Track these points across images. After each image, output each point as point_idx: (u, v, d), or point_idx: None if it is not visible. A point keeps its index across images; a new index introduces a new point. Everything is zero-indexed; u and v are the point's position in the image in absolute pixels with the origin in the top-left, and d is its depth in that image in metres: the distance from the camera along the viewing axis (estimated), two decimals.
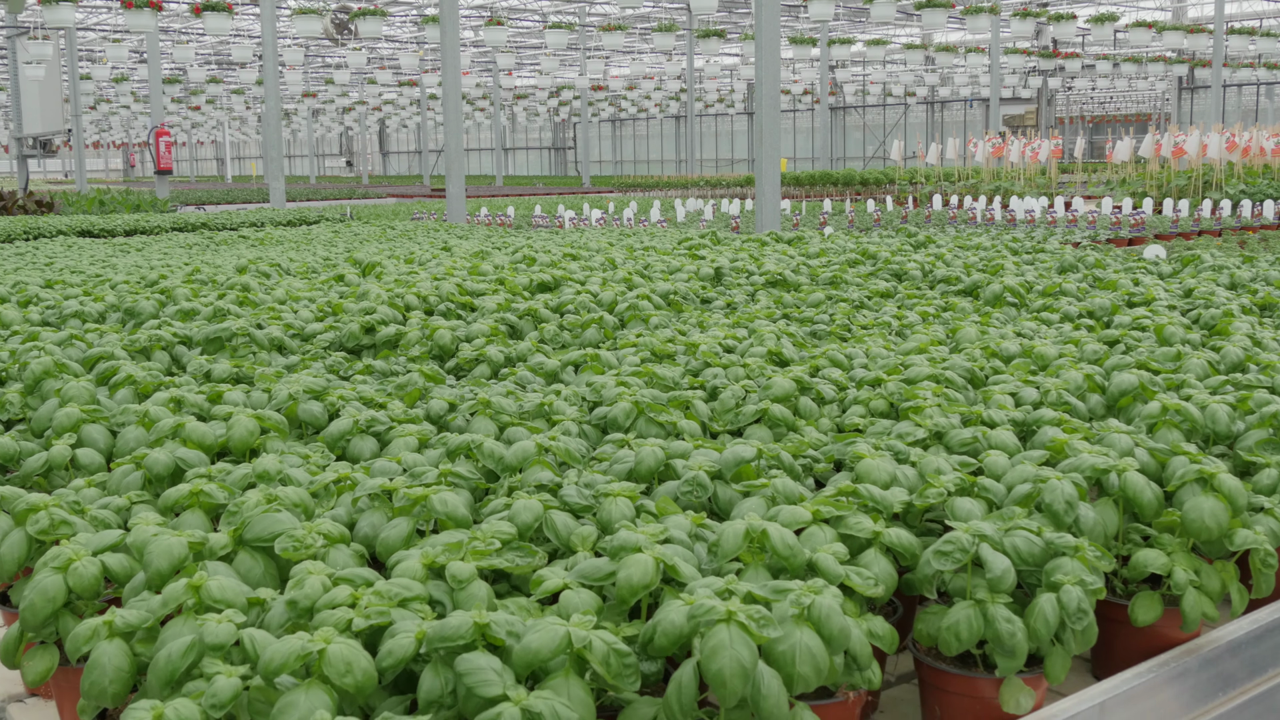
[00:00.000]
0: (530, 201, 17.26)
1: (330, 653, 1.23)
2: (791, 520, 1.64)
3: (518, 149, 49.99)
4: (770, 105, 8.53)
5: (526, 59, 37.97)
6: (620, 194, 22.43)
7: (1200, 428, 2.16)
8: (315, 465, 2.03)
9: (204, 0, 20.64)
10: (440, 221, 11.01)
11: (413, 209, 15.14)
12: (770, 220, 8.75)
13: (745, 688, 1.24)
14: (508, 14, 31.88)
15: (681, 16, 31.23)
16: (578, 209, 13.98)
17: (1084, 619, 1.51)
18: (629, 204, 14.00)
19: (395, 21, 32.85)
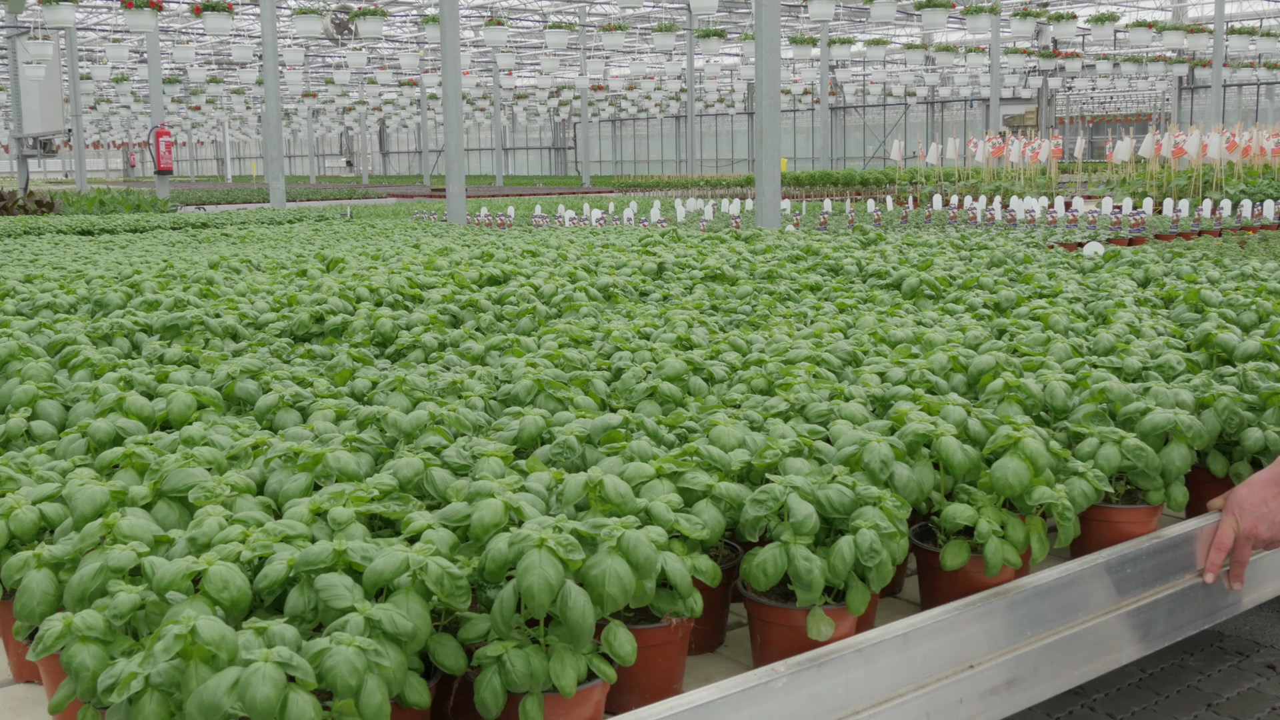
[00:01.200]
0: (530, 201, 17.43)
1: (211, 572, 1.50)
2: (636, 474, 1.91)
3: (518, 149, 50.26)
4: (770, 105, 8.66)
5: (526, 59, 38.23)
6: (621, 194, 22.61)
7: (1040, 402, 2.42)
8: (242, 434, 2.30)
9: (204, 0, 20.92)
10: (434, 221, 11.23)
11: (413, 209, 15.30)
12: (770, 220, 8.89)
13: (552, 602, 1.51)
14: (508, 14, 32.12)
15: (681, 16, 31.46)
16: (578, 209, 14.12)
17: (877, 557, 1.78)
18: (629, 204, 14.12)
19: (395, 21, 33.12)
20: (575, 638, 1.53)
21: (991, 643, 2.04)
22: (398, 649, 1.46)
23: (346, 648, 1.36)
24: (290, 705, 1.28)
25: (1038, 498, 2.00)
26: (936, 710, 1.97)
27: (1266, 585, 2.52)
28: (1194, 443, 2.29)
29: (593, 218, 12.54)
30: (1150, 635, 2.31)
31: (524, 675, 1.51)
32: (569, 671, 1.53)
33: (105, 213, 15.11)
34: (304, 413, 2.47)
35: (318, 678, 1.35)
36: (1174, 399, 2.42)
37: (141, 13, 17.09)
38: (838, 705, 1.83)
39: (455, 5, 10.66)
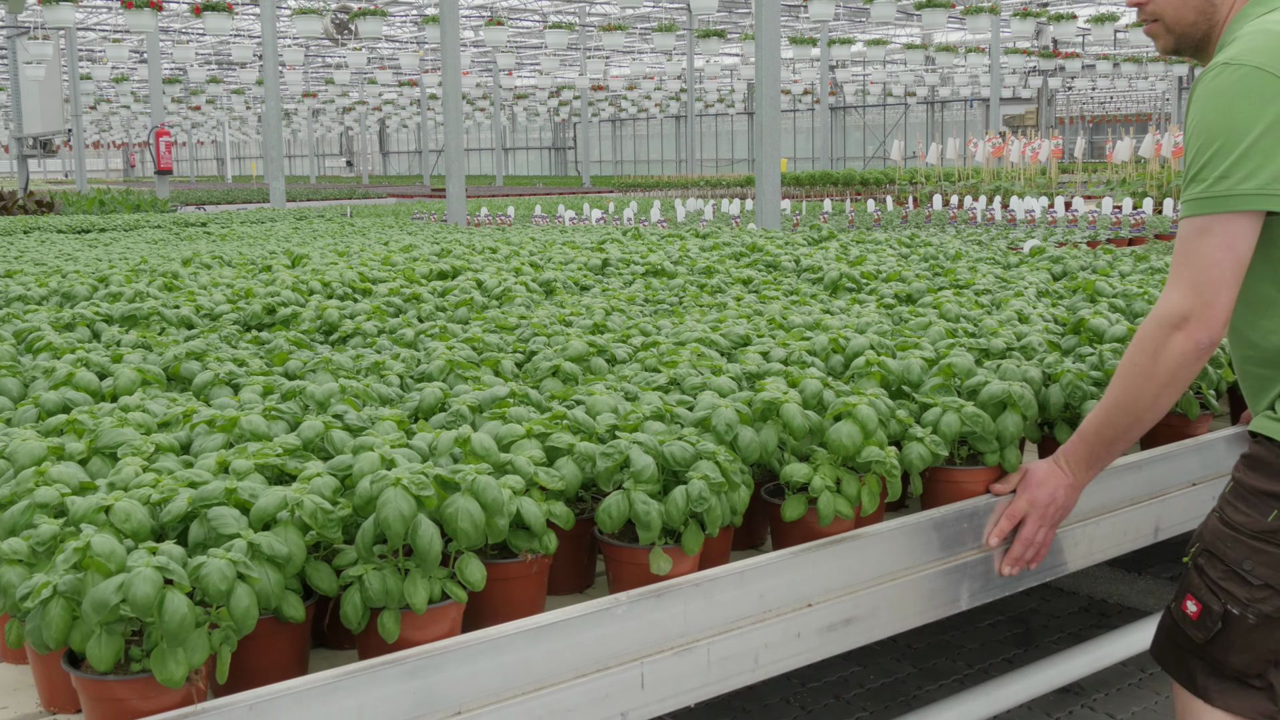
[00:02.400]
0: (530, 201, 17.61)
1: (116, 506, 1.81)
2: (507, 434, 2.22)
3: (518, 149, 50.62)
4: (770, 105, 8.79)
5: (526, 59, 38.57)
6: (621, 194, 22.85)
7: (899, 377, 2.73)
8: (178, 405, 2.61)
9: (204, 0, 21.27)
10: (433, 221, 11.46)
11: (413, 209, 15.48)
12: (770, 220, 9.00)
13: (406, 533, 1.81)
14: (508, 14, 32.45)
15: (682, 16, 31.77)
16: (578, 209, 14.29)
17: (706, 503, 2.08)
18: (629, 204, 14.27)
19: (395, 21, 33.47)
20: (425, 563, 1.84)
21: (828, 584, 2.34)
22: (276, 570, 1.77)
23: (219, 560, 1.67)
24: (167, 602, 1.59)
25: (867, 457, 2.30)
26: (775, 642, 2.27)
27: (1098, 546, 2.82)
28: (1026, 411, 2.58)
29: (593, 218, 12.69)
30: (990, 585, 2.61)
31: (380, 592, 1.81)
32: (420, 591, 1.84)
33: (105, 213, 15.38)
34: (237, 389, 2.78)
35: (198, 588, 1.66)
36: (1020, 374, 2.72)
37: (141, 13, 17.40)
38: (677, 632, 2.13)
39: (455, 5, 10.88)
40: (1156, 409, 2.29)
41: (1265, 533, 2.16)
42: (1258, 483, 2.20)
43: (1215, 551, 2.24)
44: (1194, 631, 2.25)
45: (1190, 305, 2.14)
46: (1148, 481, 2.93)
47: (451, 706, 1.89)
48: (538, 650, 1.98)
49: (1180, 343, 2.16)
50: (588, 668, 2.04)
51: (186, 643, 1.64)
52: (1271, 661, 2.20)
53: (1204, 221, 2.12)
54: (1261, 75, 2.07)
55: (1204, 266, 2.13)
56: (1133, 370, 2.26)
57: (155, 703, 1.67)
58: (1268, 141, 2.06)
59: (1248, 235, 2.11)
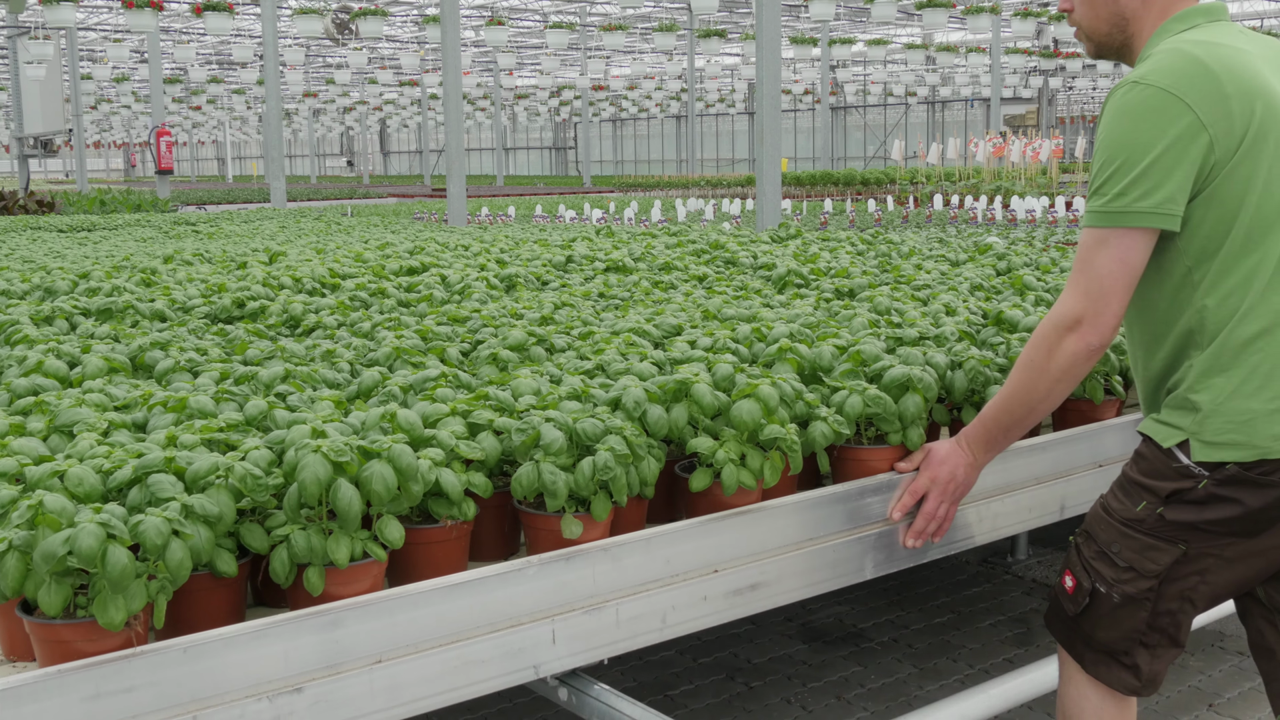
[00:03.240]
0: (531, 201, 17.67)
1: (69, 471, 2.03)
2: (434, 412, 2.44)
3: (518, 149, 50.86)
4: (771, 105, 8.85)
5: (527, 59, 38.80)
6: (621, 194, 22.99)
7: (811, 363, 2.94)
8: (139, 390, 2.83)
9: (205, 0, 21.47)
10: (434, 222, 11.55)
11: (413, 209, 15.54)
12: (771, 219, 9.03)
13: (323, 495, 2.04)
14: (508, 14, 32.62)
15: (682, 16, 31.94)
16: (579, 209, 14.41)
17: (611, 473, 2.30)
18: (630, 204, 14.33)
19: (396, 21, 33.68)
20: (346, 523, 2.06)
21: (734, 552, 2.56)
22: (207, 527, 1.99)
23: (155, 517, 1.89)
24: (109, 554, 1.81)
25: (769, 434, 2.52)
26: (681, 604, 2.49)
27: (1004, 522, 3.03)
28: (927, 394, 2.80)
29: (594, 217, 12.72)
30: (894, 557, 2.83)
31: (304, 549, 2.04)
32: (342, 549, 2.06)
33: (106, 212, 15.50)
34: (196, 374, 3.00)
35: (138, 542, 1.88)
36: (923, 360, 2.94)
37: (142, 13, 17.61)
38: (586, 593, 2.35)
39: (456, 5, 10.99)
40: (1049, 401, 2.50)
41: (1133, 520, 2.36)
42: (1137, 476, 2.40)
43: (1091, 533, 2.44)
44: (1068, 604, 2.45)
45: (1084, 310, 2.34)
46: (1053, 462, 3.15)
47: (371, 655, 2.11)
48: (453, 606, 2.20)
49: (1073, 344, 2.36)
50: (501, 623, 2.26)
51: (126, 591, 1.86)
52: (1138, 641, 2.39)
53: (1102, 234, 2.31)
54: (1166, 97, 2.24)
55: (1099, 276, 2.32)
56: (1029, 366, 2.46)
57: (98, 645, 1.90)
58: (1166, 162, 2.23)
59: (1141, 250, 2.30)
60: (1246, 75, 2.23)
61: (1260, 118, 2.22)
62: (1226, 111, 2.20)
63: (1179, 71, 2.23)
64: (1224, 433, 2.25)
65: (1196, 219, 2.25)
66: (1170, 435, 2.33)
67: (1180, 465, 2.30)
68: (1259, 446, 2.22)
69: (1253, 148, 2.22)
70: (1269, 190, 2.22)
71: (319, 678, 2.06)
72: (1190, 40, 2.30)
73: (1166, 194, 2.21)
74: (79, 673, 1.84)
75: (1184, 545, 2.31)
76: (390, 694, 2.13)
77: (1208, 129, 2.20)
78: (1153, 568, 2.33)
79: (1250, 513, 2.24)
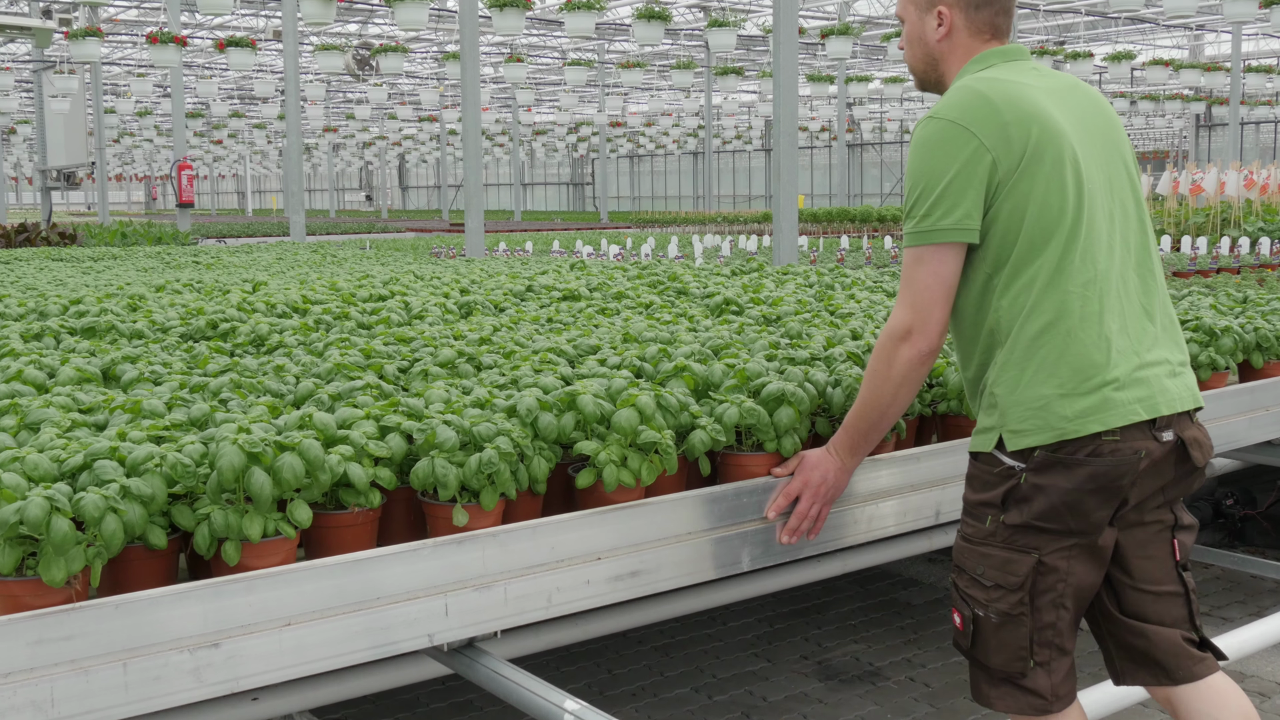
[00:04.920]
0: (548, 237, 17.80)
1: (27, 458, 2.44)
2: (350, 415, 2.84)
3: (536, 184, 51.52)
4: (788, 142, 9.00)
5: (546, 95, 39.44)
6: (638, 230, 23.32)
7: (704, 379, 3.34)
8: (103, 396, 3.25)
9: (228, 36, 22.10)
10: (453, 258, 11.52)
11: (432, 243, 15.65)
12: (788, 256, 9.27)
13: (238, 480, 2.44)
14: (527, 51, 33.19)
15: (700, 54, 32.47)
16: (596, 244, 14.62)
17: (494, 467, 2.69)
18: (646, 239, 14.60)
19: (416, 58, 34.34)
20: (259, 504, 2.46)
21: (615, 542, 2.94)
22: (141, 506, 2.39)
23: (95, 494, 2.30)
24: (53, 522, 2.22)
25: (645, 438, 2.91)
26: (566, 586, 2.87)
27: (879, 524, 3.41)
28: (800, 407, 3.18)
29: (610, 253, 12.80)
30: (770, 552, 3.20)
31: (222, 525, 2.44)
32: (255, 526, 2.46)
33: (127, 245, 15.71)
34: (158, 384, 3.42)
35: (79, 514, 2.29)
36: (801, 378, 3.32)
37: (166, 48, 18.19)
38: (476, 573, 2.74)
39: (476, 42, 11.26)
40: (897, 405, 2.88)
41: (985, 537, 2.68)
42: (974, 496, 2.74)
43: (960, 565, 2.74)
44: (961, 640, 2.73)
45: (912, 321, 2.74)
46: (928, 470, 3.52)
47: (281, 619, 2.51)
48: (355, 579, 2.59)
49: (906, 351, 2.76)
50: (399, 596, 2.65)
51: (67, 554, 2.26)
52: (1029, 660, 2.63)
53: (917, 252, 2.72)
54: (954, 127, 2.66)
55: (920, 289, 2.72)
56: (873, 375, 2.86)
57: (43, 600, 2.30)
58: (959, 183, 2.65)
59: (952, 263, 2.70)
60: (1025, 104, 2.66)
61: (1036, 140, 2.63)
62: (1006, 136, 2.62)
63: (964, 105, 2.67)
64: (1025, 419, 2.62)
65: (990, 230, 2.66)
66: (987, 440, 2.71)
67: (1003, 466, 2.67)
68: (1056, 428, 2.59)
69: (1030, 166, 2.63)
70: (1046, 203, 2.63)
71: (234, 636, 2.45)
72: (980, 78, 2.74)
73: (963, 211, 2.63)
74: (25, 621, 2.24)
75: (1035, 553, 2.65)
76: (297, 653, 2.52)
77: (990, 152, 2.62)
78: (1014, 579, 2.65)
79: (1068, 498, 2.58)
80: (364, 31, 31.58)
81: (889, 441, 3.44)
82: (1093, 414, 2.58)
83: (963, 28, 2.84)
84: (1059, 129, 2.67)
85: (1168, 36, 32.24)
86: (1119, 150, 2.83)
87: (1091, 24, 30.52)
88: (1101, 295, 2.64)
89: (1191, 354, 4.20)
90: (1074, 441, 2.59)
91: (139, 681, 2.34)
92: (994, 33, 2.86)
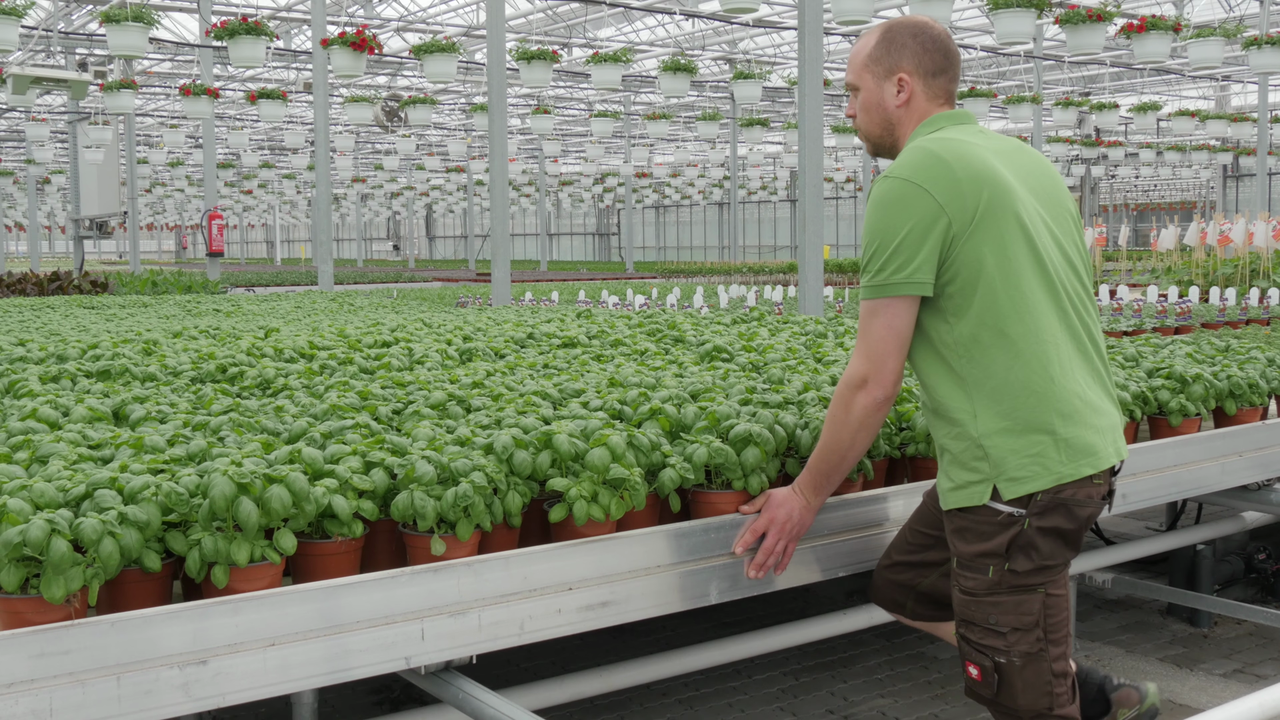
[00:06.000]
0: (574, 286, 17.86)
1: (34, 486, 2.66)
2: (337, 451, 3.06)
3: (562, 234, 52.02)
4: (813, 193, 9.11)
5: (572, 146, 39.91)
6: (664, 279, 23.50)
7: (676, 422, 3.53)
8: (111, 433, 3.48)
9: (260, 88, 22.57)
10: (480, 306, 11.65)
11: (458, 292, 15.75)
12: (814, 306, 9.37)
13: (228, 508, 2.65)
14: (554, 103, 33.59)
15: (725, 105, 32.82)
16: (622, 294, 14.68)
17: (469, 500, 2.89)
18: (672, 289, 14.71)
19: (444, 109, 34.83)
20: (246, 531, 2.67)
21: (585, 574, 3.13)
22: (137, 531, 2.61)
23: (93, 519, 2.51)
24: (52, 543, 2.43)
25: (614, 474, 3.11)
26: (538, 614, 3.06)
27: (841, 562, 3.58)
28: (765, 447, 3.37)
29: (636, 303, 12.83)
30: (738, 585, 3.38)
31: (211, 550, 2.65)
32: (243, 552, 2.67)
33: (158, 293, 15.96)
34: (164, 422, 3.65)
35: (79, 538, 2.50)
36: (770, 420, 3.51)
37: (199, 99, 18.62)
38: (452, 600, 2.93)
39: (503, 94, 11.47)
40: (856, 448, 3.08)
41: (992, 587, 2.87)
42: (972, 548, 2.90)
43: (968, 619, 2.91)
44: (984, 691, 2.91)
45: (868, 370, 2.93)
46: (895, 510, 3.69)
47: (266, 639, 2.71)
48: (336, 603, 2.79)
49: (863, 398, 2.95)
50: (378, 620, 2.85)
51: (66, 573, 2.48)
52: (1055, 690, 2.82)
53: (873, 305, 2.92)
54: (908, 186, 2.87)
55: (875, 340, 2.92)
56: (832, 420, 3.06)
57: (45, 617, 2.51)
58: (913, 240, 2.85)
59: (905, 315, 2.89)
60: (977, 164, 2.86)
61: (988, 198, 2.84)
62: (959, 194, 2.82)
63: (919, 165, 2.87)
64: (1023, 467, 2.80)
65: (949, 284, 2.84)
66: (979, 493, 2.87)
67: (1002, 515, 2.84)
68: (1055, 472, 2.79)
69: (983, 222, 2.83)
70: (1001, 256, 2.82)
71: (221, 654, 2.66)
72: (933, 139, 2.95)
73: (916, 266, 2.83)
74: (27, 636, 2.46)
75: (1042, 589, 2.84)
76: (281, 671, 2.73)
77: (945, 210, 2.82)
78: (1029, 619, 2.84)
79: (1070, 536, 2.83)
80: (393, 84, 32.15)
81: (855, 482, 3.62)
82: (1084, 458, 2.79)
83: (921, 94, 3.06)
84: (1009, 187, 2.87)
85: (1194, 87, 32.44)
86: (1065, 207, 3.04)
87: (1117, 75, 30.76)
88: (1064, 345, 2.84)
89: (1162, 400, 4.38)
90: (1072, 484, 2.79)
91: (131, 694, 2.55)
92: (947, 98, 3.09)
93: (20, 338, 6.05)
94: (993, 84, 30.72)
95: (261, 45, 14.45)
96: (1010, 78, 32.48)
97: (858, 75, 3.12)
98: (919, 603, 3.36)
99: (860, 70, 3.12)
